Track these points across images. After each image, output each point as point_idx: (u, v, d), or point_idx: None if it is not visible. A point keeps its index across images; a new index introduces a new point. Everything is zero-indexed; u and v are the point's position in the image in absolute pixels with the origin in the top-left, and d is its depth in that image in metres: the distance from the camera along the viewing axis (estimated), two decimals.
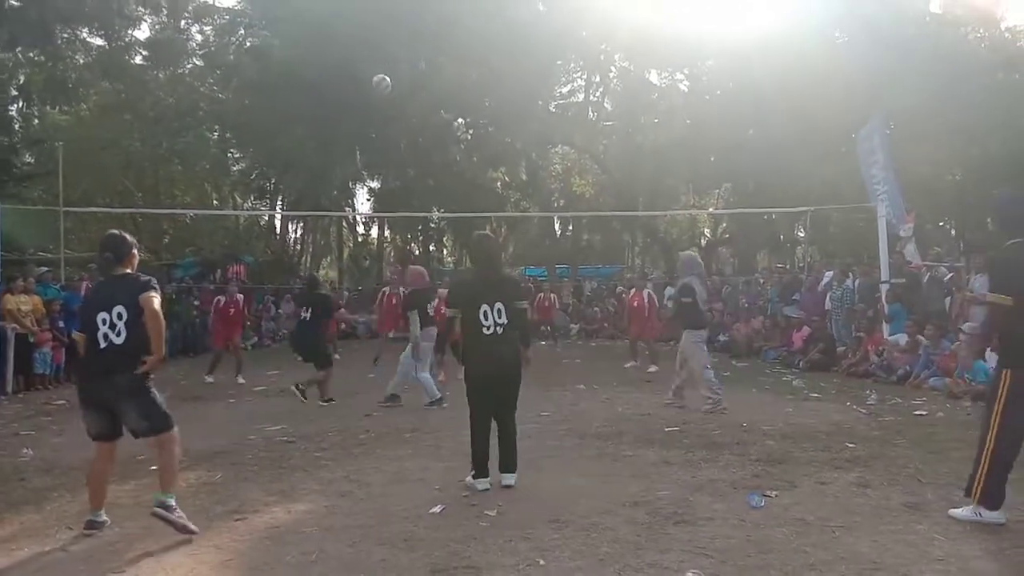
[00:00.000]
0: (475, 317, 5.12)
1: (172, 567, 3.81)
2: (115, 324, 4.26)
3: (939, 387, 9.42)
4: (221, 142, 24.40)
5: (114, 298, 4.32)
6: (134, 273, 4.49)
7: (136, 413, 4.29)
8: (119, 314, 4.26)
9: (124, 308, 4.28)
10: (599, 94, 27.72)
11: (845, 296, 12.57)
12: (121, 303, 4.28)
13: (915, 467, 5.55)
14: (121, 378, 4.26)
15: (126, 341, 4.28)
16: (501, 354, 5.14)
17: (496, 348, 5.13)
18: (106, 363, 4.28)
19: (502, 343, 5.13)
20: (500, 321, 5.12)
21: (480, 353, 5.18)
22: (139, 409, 4.30)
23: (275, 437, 7.08)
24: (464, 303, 5.26)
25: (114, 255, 4.48)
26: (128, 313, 4.28)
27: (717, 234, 32.42)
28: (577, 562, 3.75)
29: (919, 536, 4.06)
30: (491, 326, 5.10)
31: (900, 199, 12.70)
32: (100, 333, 4.27)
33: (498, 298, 5.16)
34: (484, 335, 5.12)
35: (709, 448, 6.29)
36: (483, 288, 5.23)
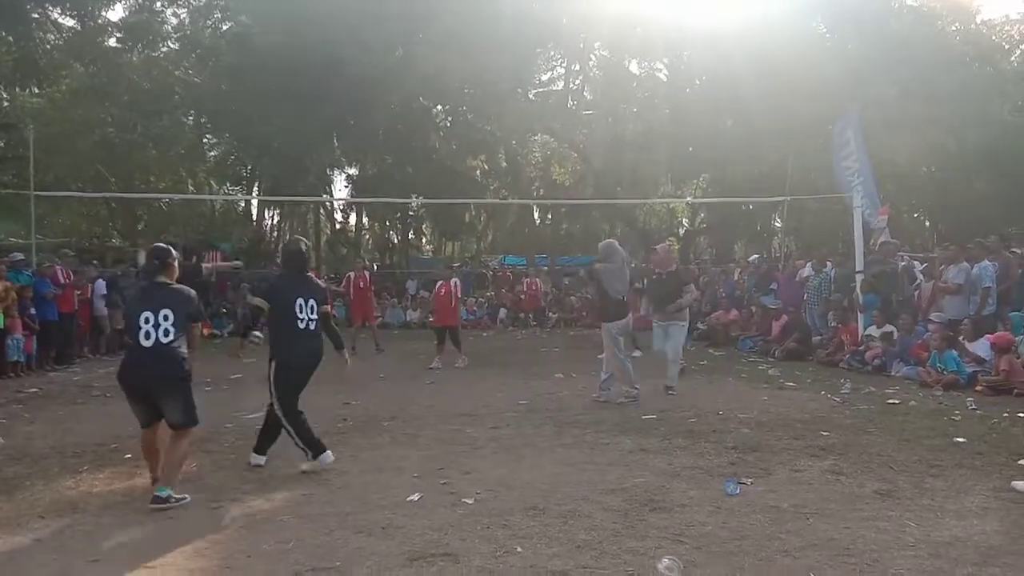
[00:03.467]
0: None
1: (146, 555, 3.78)
2: (160, 324, 4.64)
3: (911, 376, 9.56)
4: (197, 127, 24.06)
5: (161, 301, 4.72)
6: (180, 287, 4.92)
7: (176, 409, 4.68)
8: (166, 316, 4.66)
9: (172, 312, 4.70)
10: (579, 83, 27.67)
11: (822, 286, 12.69)
12: (169, 307, 4.70)
13: (888, 455, 5.62)
14: (164, 375, 4.65)
15: (173, 343, 4.67)
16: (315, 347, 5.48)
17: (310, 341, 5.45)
18: (152, 363, 4.65)
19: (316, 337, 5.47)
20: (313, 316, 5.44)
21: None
22: (177, 406, 4.68)
23: (252, 425, 6.99)
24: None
25: (160, 263, 4.91)
26: (175, 317, 4.70)
27: (695, 224, 32.59)
28: (554, 548, 3.77)
29: (891, 522, 4.12)
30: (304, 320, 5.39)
31: (875, 190, 12.83)
32: (143, 332, 4.62)
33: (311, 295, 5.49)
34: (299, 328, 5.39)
35: (686, 436, 6.34)
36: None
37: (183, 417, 4.70)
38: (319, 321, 5.50)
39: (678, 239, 31.25)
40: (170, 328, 4.66)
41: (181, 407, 4.70)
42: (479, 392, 8.81)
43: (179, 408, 4.69)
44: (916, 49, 17.31)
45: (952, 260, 10.56)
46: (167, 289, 4.86)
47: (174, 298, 4.81)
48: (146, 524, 4.26)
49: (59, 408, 8.39)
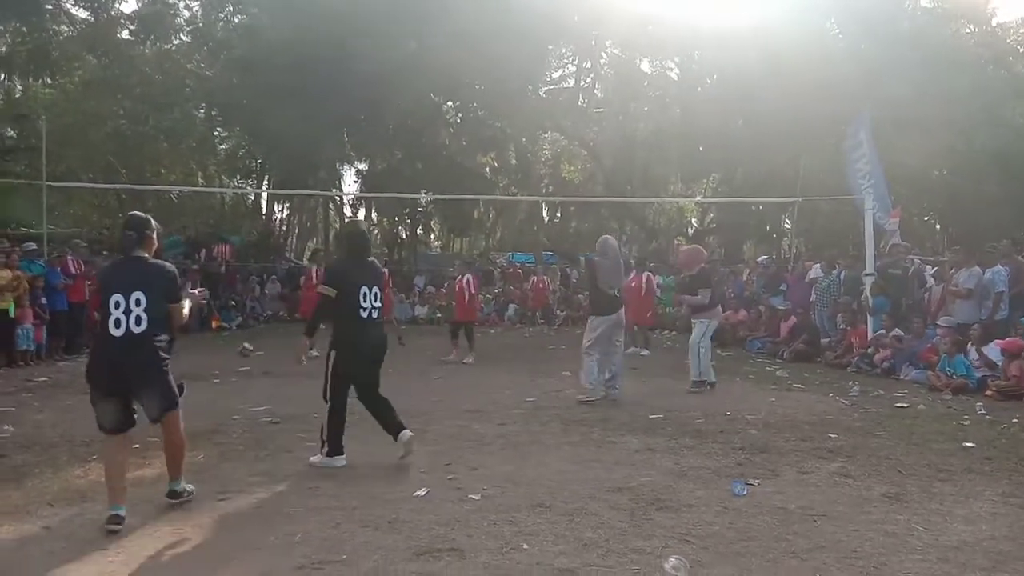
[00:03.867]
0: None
1: (155, 545, 3.80)
2: (131, 310, 4.05)
3: (920, 380, 9.52)
4: (208, 120, 24.13)
5: (133, 281, 4.11)
6: (157, 261, 4.31)
7: (154, 398, 4.22)
8: (138, 300, 4.06)
9: (145, 295, 4.07)
10: (590, 80, 27.64)
11: (831, 288, 12.64)
12: (142, 288, 4.08)
13: (896, 458, 5.60)
14: (137, 364, 4.12)
15: (147, 331, 4.10)
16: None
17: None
18: (125, 354, 4.10)
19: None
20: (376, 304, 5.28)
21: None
22: (155, 396, 4.22)
23: (259, 418, 7.06)
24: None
25: (136, 234, 4.26)
26: (148, 300, 4.08)
27: (705, 223, 32.50)
28: (561, 546, 3.77)
29: (899, 526, 4.11)
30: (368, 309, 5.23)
31: (886, 193, 12.77)
32: (112, 319, 4.05)
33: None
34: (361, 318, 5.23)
35: (693, 436, 6.33)
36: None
37: (161, 404, 4.22)
38: (380, 310, 5.33)
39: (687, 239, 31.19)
40: (142, 315, 4.06)
41: (158, 396, 4.21)
42: (486, 389, 8.81)
43: (156, 397, 4.21)
44: (930, 50, 17.20)
45: (962, 264, 10.51)
46: (142, 266, 4.22)
47: (148, 277, 4.18)
48: (154, 515, 4.28)
49: (68, 397, 8.42)
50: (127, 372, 4.11)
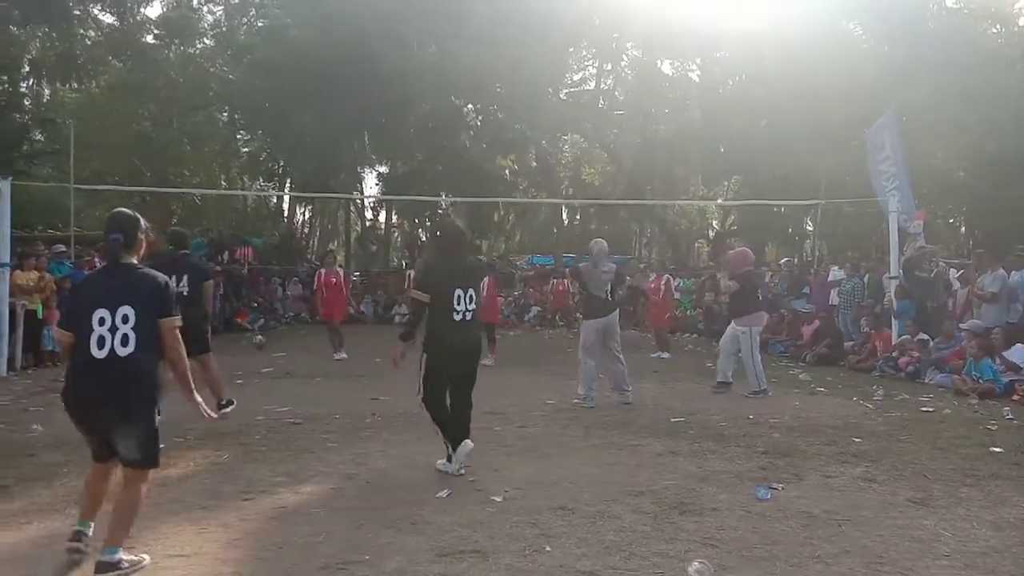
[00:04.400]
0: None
1: (180, 544, 3.83)
2: (117, 327, 3.37)
3: (946, 384, 9.40)
4: (231, 123, 24.40)
5: (121, 294, 3.43)
6: (149, 271, 3.60)
7: (134, 444, 3.49)
8: (125, 316, 3.39)
9: (134, 310, 3.40)
10: (610, 83, 27.60)
11: (855, 291, 12.53)
12: (130, 303, 3.41)
13: (921, 463, 5.54)
14: (121, 397, 3.41)
15: (135, 352, 3.41)
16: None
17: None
18: (104, 377, 3.41)
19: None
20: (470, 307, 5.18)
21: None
22: (137, 442, 3.49)
23: (282, 419, 7.11)
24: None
25: (124, 237, 3.55)
26: (138, 317, 3.42)
27: (726, 226, 32.34)
28: (583, 549, 3.76)
29: (925, 532, 4.06)
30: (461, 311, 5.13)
31: (911, 195, 12.64)
32: (95, 336, 3.37)
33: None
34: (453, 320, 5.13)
35: (715, 440, 6.30)
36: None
37: (140, 453, 3.49)
38: (475, 311, 5.20)
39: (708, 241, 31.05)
40: (130, 333, 3.38)
41: (138, 440, 3.47)
42: (507, 391, 8.80)
43: (135, 441, 3.47)
44: (955, 51, 17.00)
45: (987, 267, 10.38)
46: (132, 276, 3.52)
47: (139, 289, 3.48)
48: (180, 513, 4.32)
49: None
50: (105, 405, 3.42)
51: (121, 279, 3.50)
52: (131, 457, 3.52)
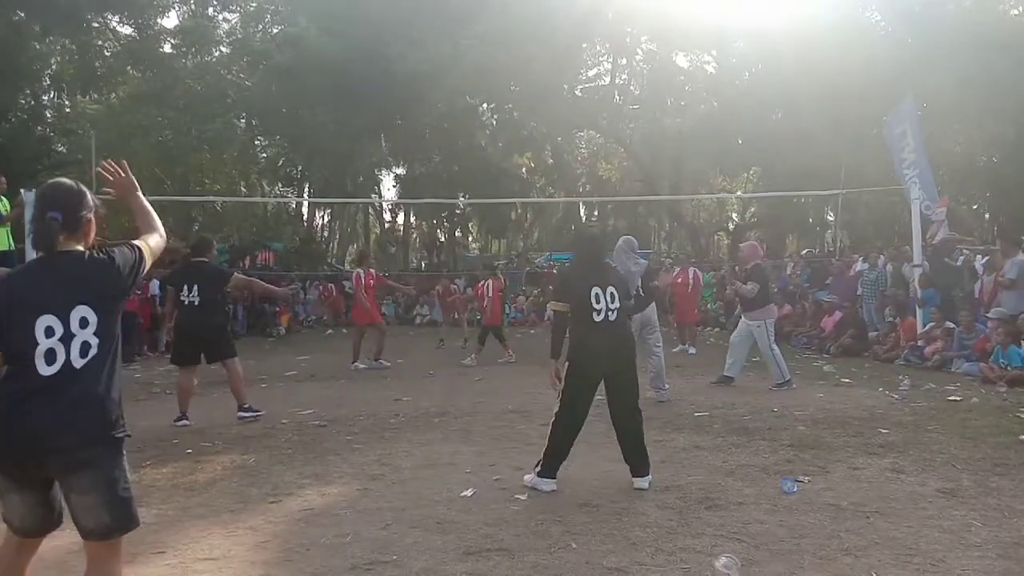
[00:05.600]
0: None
1: (210, 547, 3.88)
2: (73, 335, 2.46)
3: (973, 372, 9.28)
4: (248, 129, 24.60)
5: (71, 292, 2.51)
6: (99, 257, 2.63)
7: (100, 497, 2.48)
8: (83, 320, 2.49)
9: (92, 310, 2.51)
10: (625, 77, 27.52)
11: (878, 280, 12.41)
12: (85, 302, 2.51)
13: (950, 453, 5.47)
14: (83, 431, 2.47)
15: (93, 364, 2.50)
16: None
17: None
18: (56, 407, 2.44)
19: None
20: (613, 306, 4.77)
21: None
22: (104, 490, 2.48)
23: (307, 421, 7.16)
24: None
25: (63, 216, 2.56)
26: (99, 317, 2.53)
27: (745, 218, 32.15)
28: (609, 545, 3.76)
29: (955, 522, 4.01)
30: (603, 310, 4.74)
31: (932, 182, 12.49)
32: (42, 351, 2.43)
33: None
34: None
35: (740, 433, 6.27)
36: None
37: (111, 515, 2.49)
38: (620, 311, 4.79)
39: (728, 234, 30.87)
40: (91, 340, 2.49)
41: (105, 496, 2.48)
42: (528, 389, 8.80)
43: (102, 498, 2.47)
44: (975, 36, 16.76)
45: (1006, 254, 10.25)
46: (81, 266, 2.57)
47: (94, 280, 2.56)
48: (207, 517, 4.36)
49: None
50: (58, 439, 2.43)
51: (68, 272, 2.54)
52: (98, 520, 2.48)
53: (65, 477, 2.48)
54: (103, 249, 2.64)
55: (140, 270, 2.71)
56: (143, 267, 2.72)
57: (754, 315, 8.79)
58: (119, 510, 2.51)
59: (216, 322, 7.42)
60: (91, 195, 2.71)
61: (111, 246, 2.68)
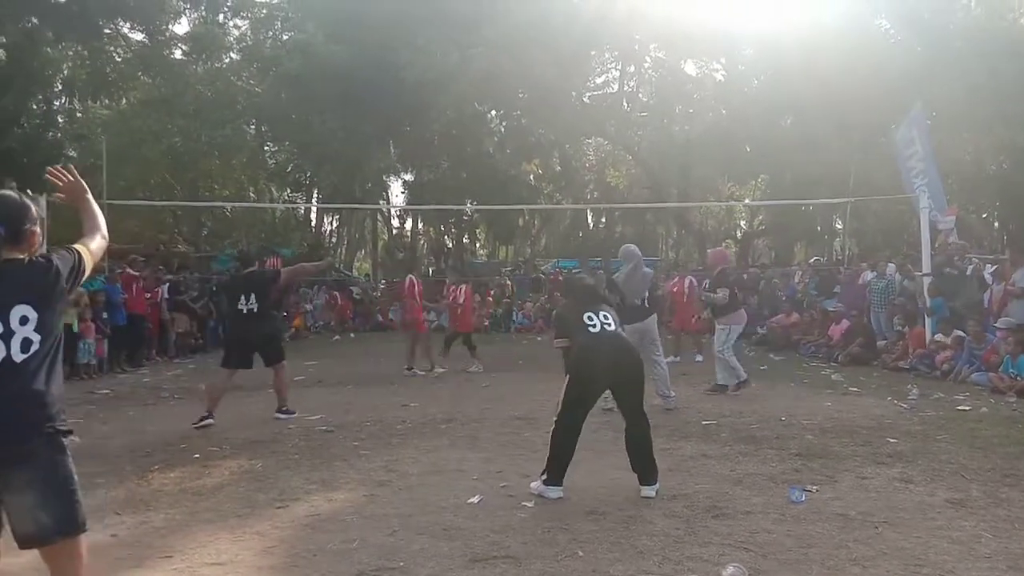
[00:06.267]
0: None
1: (217, 552, 3.88)
2: (13, 332, 2.51)
3: (982, 382, 9.23)
4: (258, 135, 24.72)
5: (12, 293, 2.57)
6: (36, 259, 2.68)
7: (38, 494, 2.44)
8: (23, 318, 2.53)
9: (32, 308, 2.55)
10: (633, 84, 27.53)
11: (888, 289, 12.36)
12: (27, 300, 2.56)
13: (959, 463, 5.44)
14: (16, 425, 2.46)
15: (33, 360, 2.53)
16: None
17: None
18: None
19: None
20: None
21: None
22: (44, 486, 2.46)
23: (314, 427, 7.18)
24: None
25: (6, 231, 2.63)
26: (39, 315, 2.56)
27: (754, 226, 32.09)
28: (616, 553, 3.75)
29: (965, 533, 3.99)
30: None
31: (941, 191, 12.44)
32: None
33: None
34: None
35: (747, 442, 6.25)
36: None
37: (50, 515, 2.44)
38: (615, 326, 4.98)
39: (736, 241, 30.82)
40: (32, 336, 2.53)
41: (44, 494, 2.45)
42: (535, 395, 8.80)
43: (40, 497, 2.44)
44: (984, 43, 16.72)
45: (1016, 263, 10.21)
46: (20, 271, 2.62)
47: (35, 283, 2.61)
48: (215, 522, 4.38)
49: (130, 409, 8.69)
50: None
51: (9, 277, 2.60)
52: (38, 524, 2.43)
53: (3, 472, 2.43)
54: (44, 255, 2.70)
55: (80, 271, 2.77)
56: (83, 268, 2.79)
57: (725, 319, 8.85)
58: (60, 510, 2.46)
59: (272, 327, 7.88)
60: (35, 207, 2.75)
61: (51, 251, 2.76)
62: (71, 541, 2.51)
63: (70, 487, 2.51)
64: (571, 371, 4.88)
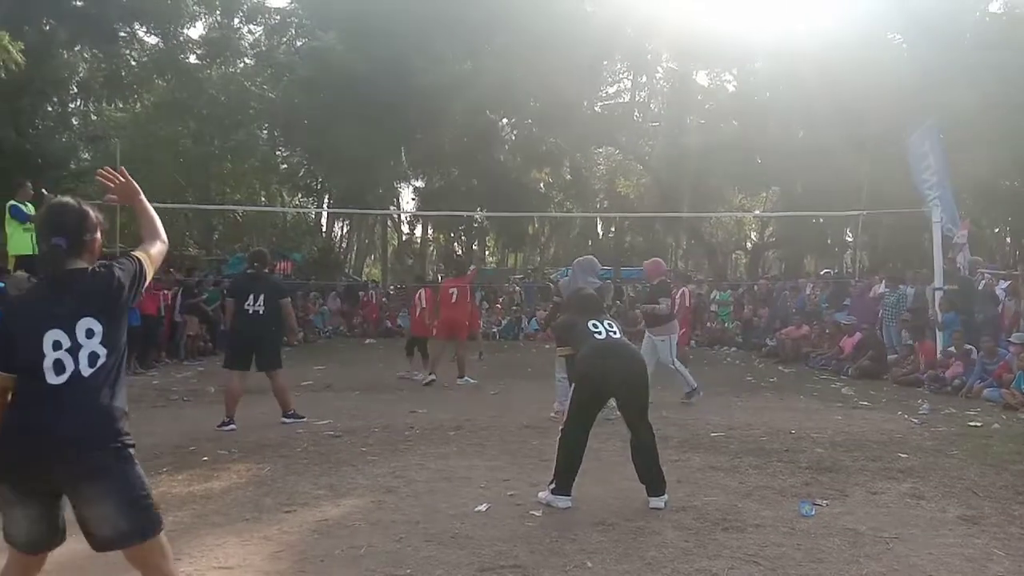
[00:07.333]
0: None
1: (225, 556, 3.88)
2: (80, 345, 2.49)
3: (994, 398, 9.16)
4: (270, 140, 24.85)
5: (76, 305, 2.54)
6: (98, 268, 2.65)
7: (114, 504, 2.46)
8: (89, 331, 2.52)
9: (97, 321, 2.54)
10: (645, 95, 27.57)
11: (899, 303, 12.30)
12: (90, 314, 2.53)
13: (971, 479, 5.39)
14: (88, 438, 2.47)
15: (100, 373, 2.52)
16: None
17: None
18: (64, 413, 2.45)
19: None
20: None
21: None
22: (119, 496, 2.47)
23: (322, 431, 7.17)
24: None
25: (67, 242, 2.61)
26: (104, 328, 2.55)
27: (764, 237, 32.01)
28: (624, 565, 3.73)
29: (977, 550, 3.95)
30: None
31: (953, 205, 12.38)
32: (50, 362, 2.46)
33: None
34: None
35: (756, 455, 6.21)
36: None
37: (129, 521, 2.48)
38: (620, 334, 5.03)
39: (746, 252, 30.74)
40: (99, 350, 2.52)
41: (119, 503, 2.47)
42: (544, 404, 8.77)
43: (116, 507, 2.46)
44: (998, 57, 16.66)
45: None
46: (85, 281, 2.60)
47: (96, 294, 2.59)
48: (223, 526, 4.38)
49: (138, 411, 8.68)
50: (69, 446, 2.44)
51: (73, 288, 2.57)
52: (119, 531, 2.47)
53: (75, 487, 2.46)
54: (105, 264, 2.68)
55: (142, 280, 2.73)
56: (144, 277, 2.74)
57: (661, 330, 8.86)
58: (134, 518, 2.49)
59: (274, 331, 7.73)
60: (94, 213, 2.73)
61: (112, 259, 2.73)
62: (150, 540, 2.54)
63: (142, 493, 2.53)
64: (576, 379, 4.92)
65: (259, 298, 7.48)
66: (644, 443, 4.86)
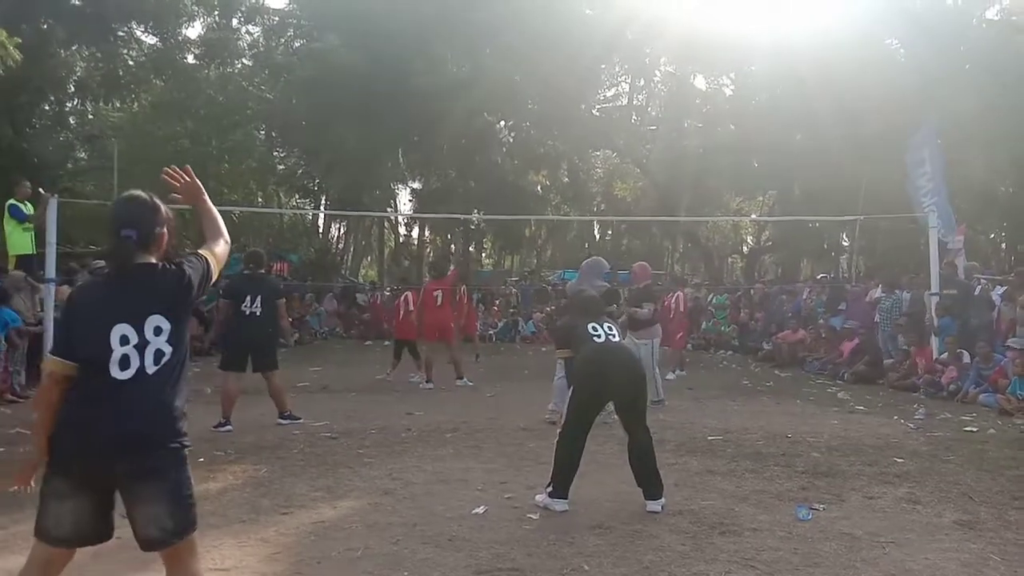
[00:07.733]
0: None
1: (221, 558, 3.88)
2: (148, 342, 2.50)
3: (990, 404, 9.18)
4: (267, 141, 24.83)
5: (145, 301, 2.54)
6: (168, 265, 2.64)
7: (165, 505, 2.49)
8: (157, 328, 2.52)
9: (166, 319, 2.54)
10: (643, 98, 27.61)
11: (895, 307, 12.32)
12: (159, 311, 2.53)
13: (967, 484, 5.41)
14: (150, 437, 2.48)
15: (165, 371, 2.54)
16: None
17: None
18: (129, 409, 2.46)
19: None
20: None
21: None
22: (170, 497, 2.50)
23: (319, 433, 7.17)
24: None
25: (138, 234, 2.59)
26: (172, 326, 2.56)
27: (760, 241, 32.05)
28: (621, 568, 3.74)
29: (973, 555, 3.96)
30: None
31: (949, 211, 12.41)
32: (116, 357, 2.46)
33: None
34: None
35: (753, 459, 6.21)
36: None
37: (175, 522, 2.50)
38: (618, 337, 5.12)
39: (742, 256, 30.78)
40: (165, 348, 2.53)
41: (171, 504, 2.50)
42: (541, 407, 8.76)
43: (168, 507, 2.49)
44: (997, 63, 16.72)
45: None
46: (155, 277, 2.59)
47: (168, 292, 2.60)
48: (220, 527, 4.37)
49: None
50: (129, 442, 2.44)
51: (143, 283, 2.57)
52: (165, 530, 2.49)
53: (132, 485, 2.47)
54: (174, 260, 2.68)
55: (208, 279, 2.74)
56: (211, 275, 2.75)
57: (643, 334, 8.84)
58: (182, 517, 2.52)
59: (270, 332, 7.74)
60: (165, 207, 2.71)
61: (181, 256, 2.72)
62: (188, 541, 2.58)
63: (189, 494, 2.56)
64: (575, 381, 4.93)
65: (256, 299, 7.49)
66: (641, 446, 4.87)
